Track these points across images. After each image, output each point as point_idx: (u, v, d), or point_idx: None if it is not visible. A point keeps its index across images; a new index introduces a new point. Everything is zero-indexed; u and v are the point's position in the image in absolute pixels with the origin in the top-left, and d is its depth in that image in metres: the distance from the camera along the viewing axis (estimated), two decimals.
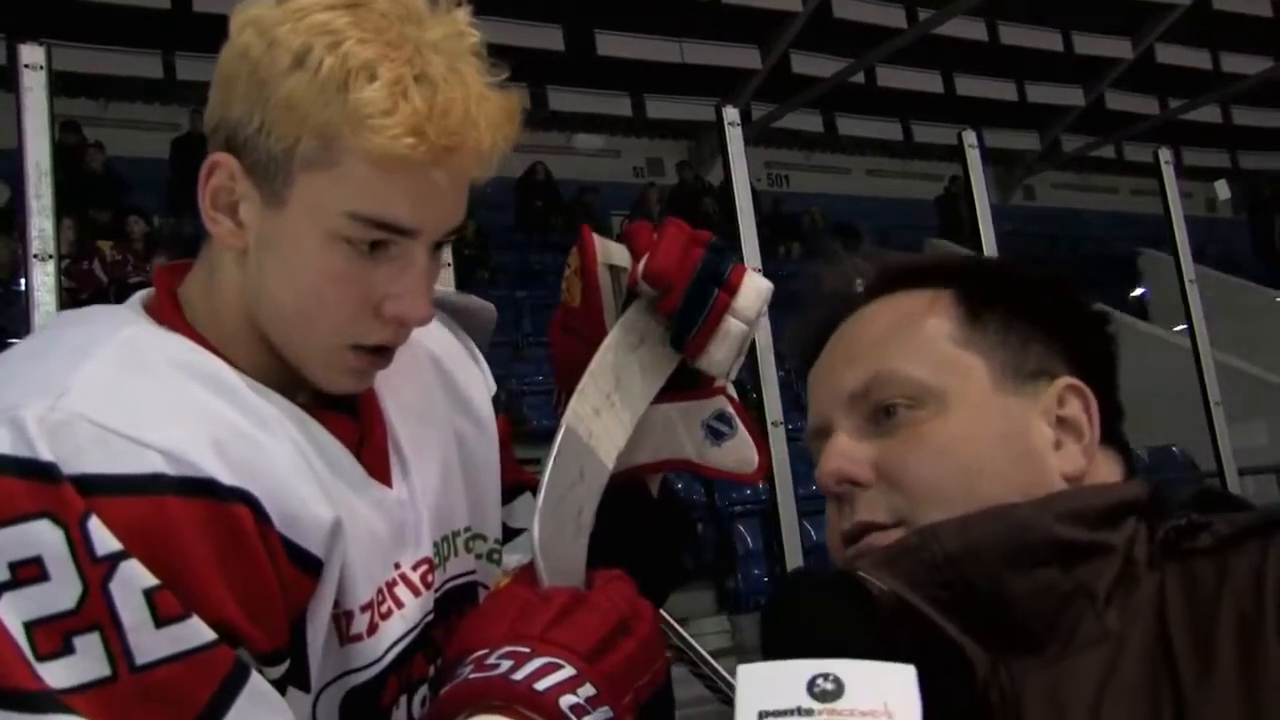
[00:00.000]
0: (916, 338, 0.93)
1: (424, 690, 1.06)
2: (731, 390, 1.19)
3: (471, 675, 0.87)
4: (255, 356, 0.99)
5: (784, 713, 0.73)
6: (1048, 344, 0.93)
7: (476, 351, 1.26)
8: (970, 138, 4.34)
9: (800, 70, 14.21)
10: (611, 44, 13.27)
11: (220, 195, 0.96)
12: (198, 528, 0.85)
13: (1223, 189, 6.25)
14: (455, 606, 1.11)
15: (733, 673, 0.77)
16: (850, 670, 0.74)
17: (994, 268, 1.04)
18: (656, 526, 1.22)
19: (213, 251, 1.01)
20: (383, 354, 1.00)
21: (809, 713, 0.73)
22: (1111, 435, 0.93)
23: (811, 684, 0.74)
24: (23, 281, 2.76)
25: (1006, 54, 14.98)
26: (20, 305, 2.76)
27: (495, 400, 1.24)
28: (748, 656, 0.76)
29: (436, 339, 1.17)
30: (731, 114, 3.87)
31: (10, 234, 9.01)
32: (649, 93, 14.21)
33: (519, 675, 0.86)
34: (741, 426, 1.18)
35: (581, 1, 12.59)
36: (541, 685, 0.85)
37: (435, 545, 1.09)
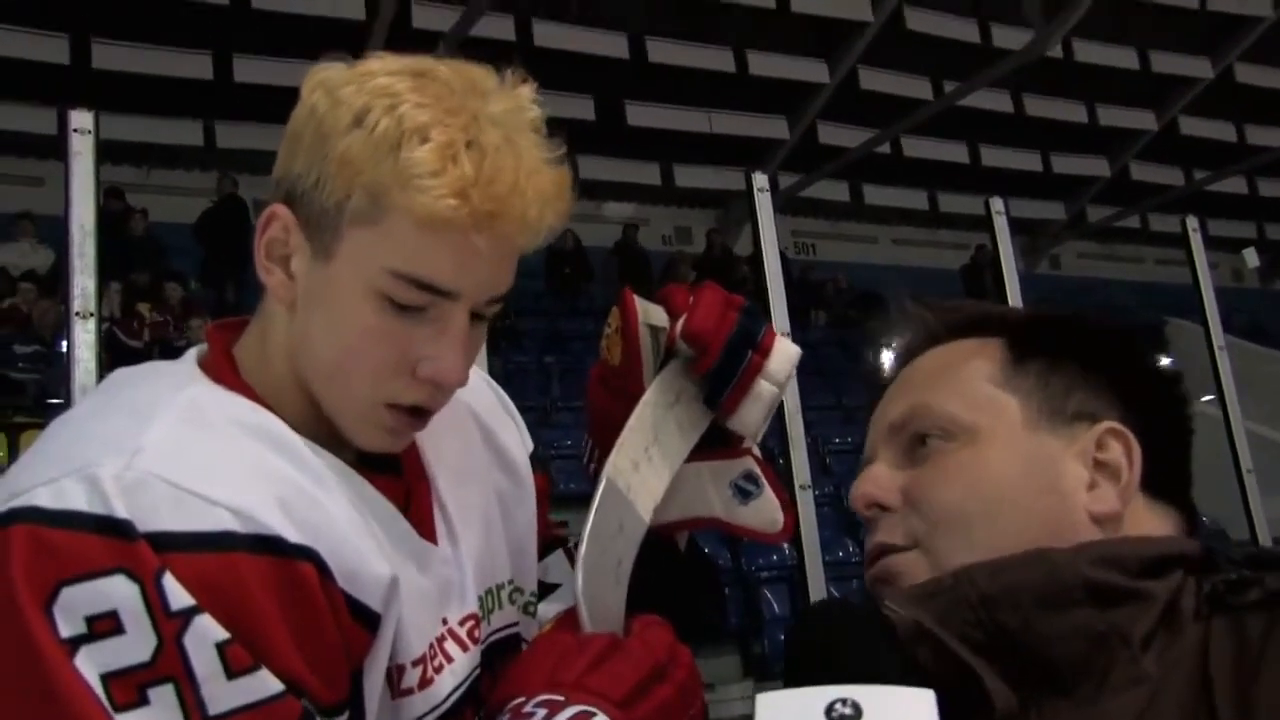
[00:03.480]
0: (957, 377, 0.96)
1: None
2: (756, 451, 1.21)
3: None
4: (304, 412, 1.00)
5: None
6: (1094, 390, 0.93)
7: (513, 408, 1.27)
8: (998, 204, 4.31)
9: (827, 140, 14.35)
10: (641, 114, 13.43)
11: (275, 247, 0.98)
12: (265, 584, 0.86)
13: (1251, 257, 6.22)
14: (499, 658, 1.12)
15: None
16: (869, 695, 0.74)
17: (1046, 317, 1.04)
18: (685, 581, 1.24)
19: (266, 306, 1.02)
20: (419, 415, 1.01)
21: None
22: (1168, 491, 0.93)
23: (830, 709, 0.74)
24: (64, 343, 2.75)
25: (1032, 125, 15.08)
26: (62, 366, 2.80)
27: (533, 458, 1.25)
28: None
29: (475, 394, 1.17)
30: (761, 180, 3.81)
31: (55, 296, 9.19)
32: (678, 162, 14.34)
33: None
34: (768, 486, 1.20)
35: (612, 72, 12.76)
36: None
37: (480, 599, 1.10)
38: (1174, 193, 16.27)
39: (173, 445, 0.89)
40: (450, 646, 1.05)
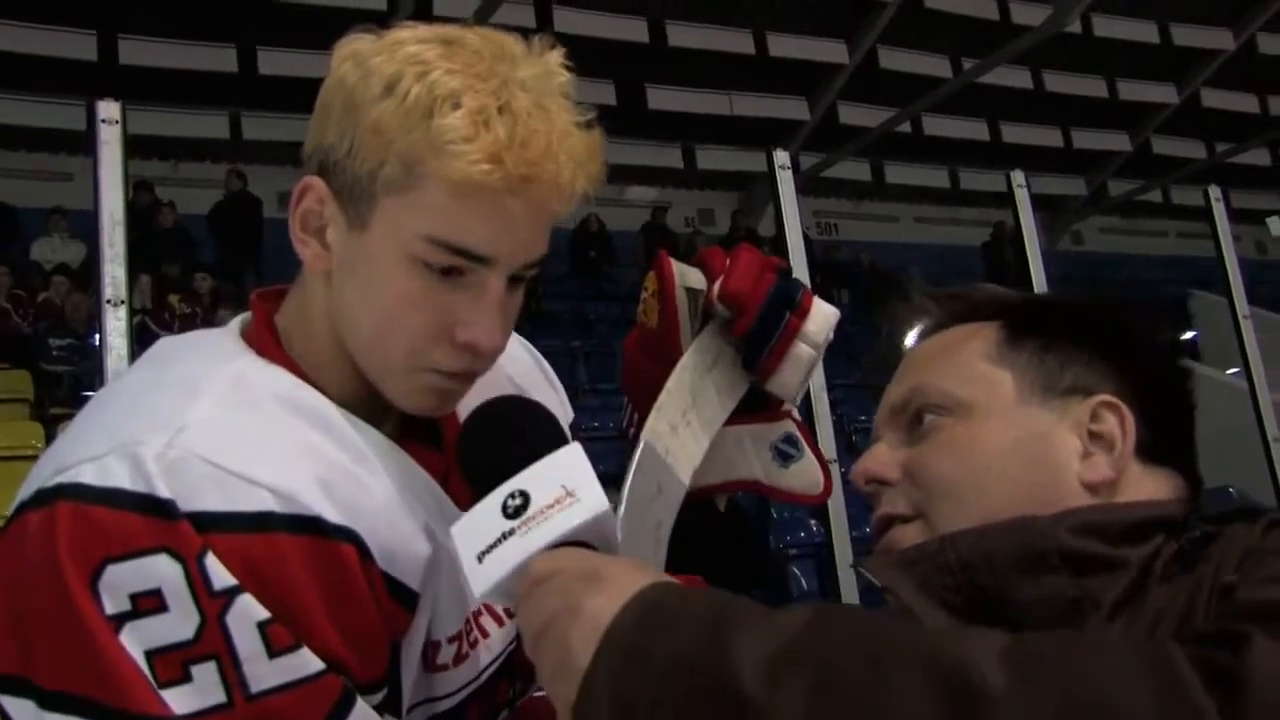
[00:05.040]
0: (954, 357, 0.99)
1: (505, 714, 1.10)
2: (795, 414, 1.21)
3: (535, 693, 0.94)
4: (345, 383, 1.00)
5: (494, 544, 0.80)
6: (1089, 365, 0.95)
7: (552, 374, 1.27)
8: (1019, 178, 4.35)
9: (848, 120, 14.35)
10: (662, 98, 13.42)
11: (310, 218, 0.97)
12: (306, 564, 0.87)
13: (1276, 225, 6.20)
14: None
15: None
16: (528, 479, 0.81)
17: (1039, 300, 1.08)
18: (727, 542, 1.24)
19: (304, 277, 1.02)
20: (464, 377, 1.01)
21: (511, 533, 0.79)
22: (1168, 456, 0.94)
23: (504, 508, 0.80)
24: (97, 335, 2.80)
25: (1052, 101, 15.02)
26: (96, 357, 2.80)
27: (572, 427, 1.23)
28: None
29: (515, 362, 1.17)
30: (782, 157, 3.86)
31: (87, 289, 9.30)
32: (700, 144, 14.33)
33: None
34: (808, 450, 1.21)
35: (633, 56, 12.71)
36: None
37: None
38: (1196, 165, 16.19)
39: (216, 424, 0.90)
40: (486, 621, 1.06)
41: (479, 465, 0.89)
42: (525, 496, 0.80)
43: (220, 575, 0.84)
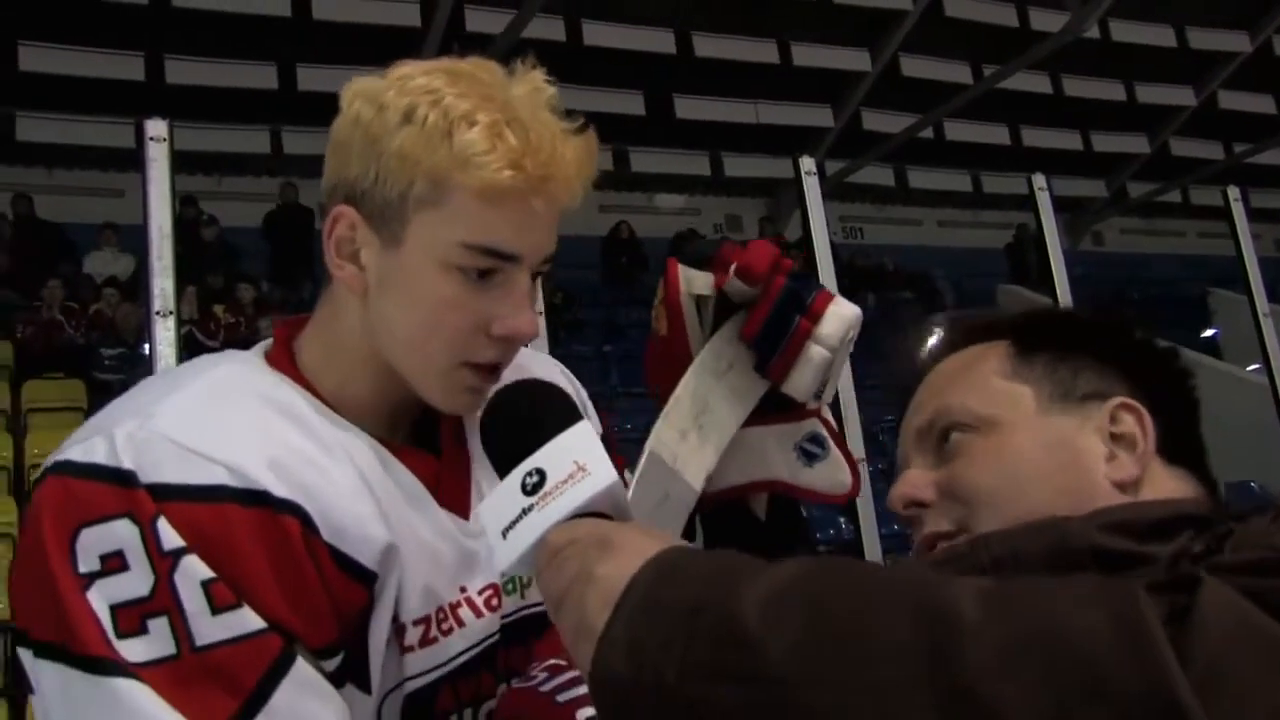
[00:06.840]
0: (970, 377, 1.00)
1: (490, 704, 1.14)
2: (827, 413, 1.24)
3: (515, 686, 0.99)
4: (364, 396, 1.09)
5: (515, 520, 0.86)
6: (1101, 371, 0.97)
7: (585, 397, 1.33)
8: (1040, 181, 4.45)
9: (871, 127, 14.43)
10: (689, 107, 13.51)
11: (343, 245, 1.05)
12: (252, 533, 0.94)
13: None
14: (533, 633, 1.17)
15: None
16: (543, 457, 0.86)
17: (1045, 315, 1.08)
18: (764, 544, 1.27)
19: (334, 299, 1.10)
20: (493, 372, 1.08)
21: (530, 508, 0.85)
22: (1181, 455, 0.96)
23: (523, 486, 0.86)
24: (146, 345, 2.90)
25: (1071, 105, 15.08)
26: (145, 366, 2.86)
27: (606, 431, 1.30)
28: None
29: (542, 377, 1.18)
30: (808, 164, 3.98)
31: (136, 300, 9.54)
32: (727, 152, 14.42)
33: (546, 688, 0.97)
34: (834, 448, 1.23)
35: (660, 67, 12.87)
36: (563, 697, 0.96)
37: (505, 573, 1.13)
38: (1214, 166, 16.19)
39: (186, 410, 0.99)
40: (464, 612, 1.11)
41: (500, 447, 0.95)
42: (541, 474, 0.86)
43: (170, 537, 0.92)
